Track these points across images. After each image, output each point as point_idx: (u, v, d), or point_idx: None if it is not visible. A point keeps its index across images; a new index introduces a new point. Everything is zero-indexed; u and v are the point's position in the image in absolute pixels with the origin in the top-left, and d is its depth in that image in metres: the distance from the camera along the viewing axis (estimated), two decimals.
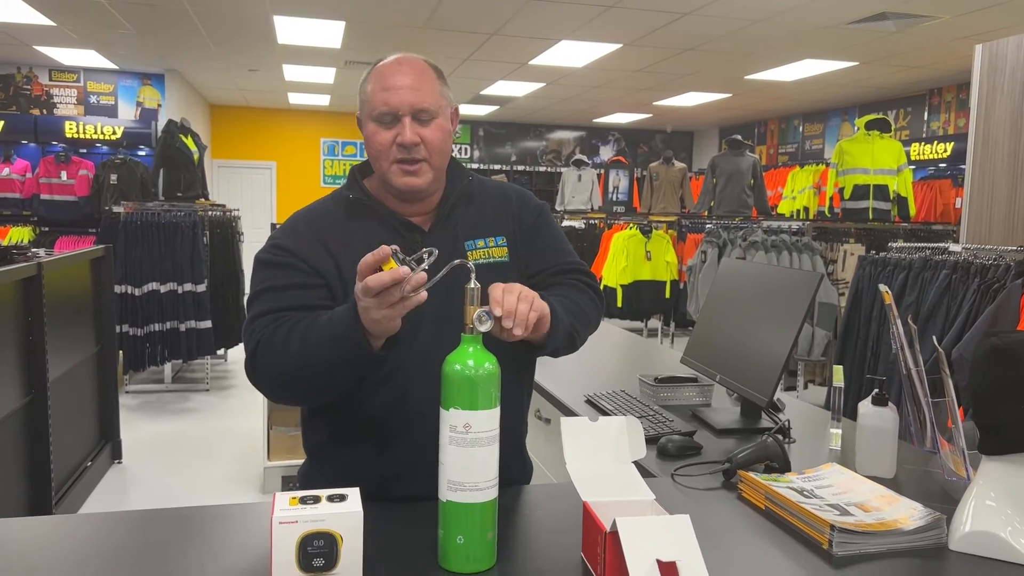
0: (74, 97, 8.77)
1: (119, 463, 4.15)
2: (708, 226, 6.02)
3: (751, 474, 1.39)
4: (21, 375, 2.94)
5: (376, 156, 1.31)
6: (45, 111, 8.66)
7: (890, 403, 1.49)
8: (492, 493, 1.07)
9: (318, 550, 0.96)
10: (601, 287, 6.98)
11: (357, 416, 1.32)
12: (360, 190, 1.37)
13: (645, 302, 6.80)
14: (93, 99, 8.83)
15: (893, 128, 5.90)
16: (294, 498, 1.00)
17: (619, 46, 7.02)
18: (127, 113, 8.93)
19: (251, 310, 1.29)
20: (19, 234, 7.68)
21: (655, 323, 7.60)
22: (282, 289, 1.28)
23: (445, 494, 1.07)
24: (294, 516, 0.96)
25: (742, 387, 1.72)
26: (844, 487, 1.34)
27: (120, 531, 1.18)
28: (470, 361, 1.06)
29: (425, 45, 7.13)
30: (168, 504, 3.53)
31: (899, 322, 1.40)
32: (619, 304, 6.72)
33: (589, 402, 1.99)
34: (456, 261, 1.14)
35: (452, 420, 1.05)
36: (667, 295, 6.82)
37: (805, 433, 1.80)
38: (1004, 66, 3.52)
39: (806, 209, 8.79)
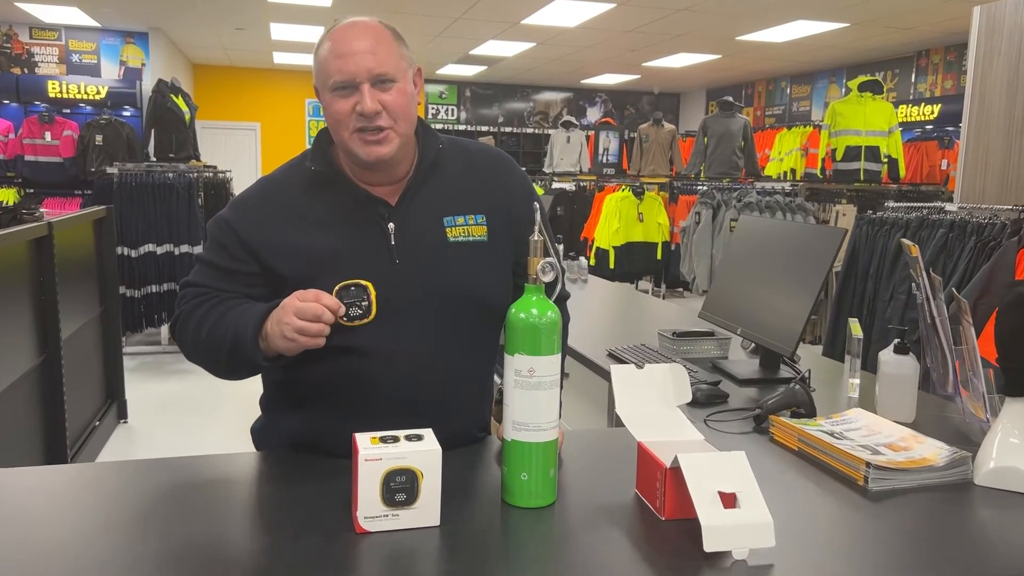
0: (56, 56, 8.59)
1: (125, 422, 4.19)
2: (702, 188, 6.08)
3: (782, 418, 1.46)
4: (35, 334, 2.96)
5: (336, 126, 1.25)
6: (26, 70, 8.48)
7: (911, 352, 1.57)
8: (554, 433, 1.13)
9: (400, 485, 1.02)
10: (594, 249, 7.06)
11: (313, 384, 1.30)
12: (323, 160, 1.30)
13: (637, 263, 6.88)
14: (75, 58, 8.65)
15: (885, 90, 5.96)
16: (374, 438, 1.06)
17: (612, 6, 6.99)
18: (110, 72, 8.77)
19: (190, 273, 1.32)
20: (4, 195, 7.57)
21: (645, 284, 7.69)
22: (214, 267, 1.29)
23: (510, 433, 1.12)
24: (378, 454, 1.02)
25: (766, 339, 1.79)
26: (871, 429, 1.42)
27: (148, 478, 1.23)
28: (534, 310, 1.11)
29: (418, 3, 7.05)
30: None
31: (925, 274, 1.47)
32: (611, 266, 6.80)
33: (612, 355, 2.06)
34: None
35: (517, 365, 1.11)
36: (659, 256, 6.90)
37: (822, 382, 1.88)
38: (1002, 28, 3.58)
39: (793, 171, 8.87)
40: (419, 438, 1.06)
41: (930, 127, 7.84)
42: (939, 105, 7.66)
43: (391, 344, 1.26)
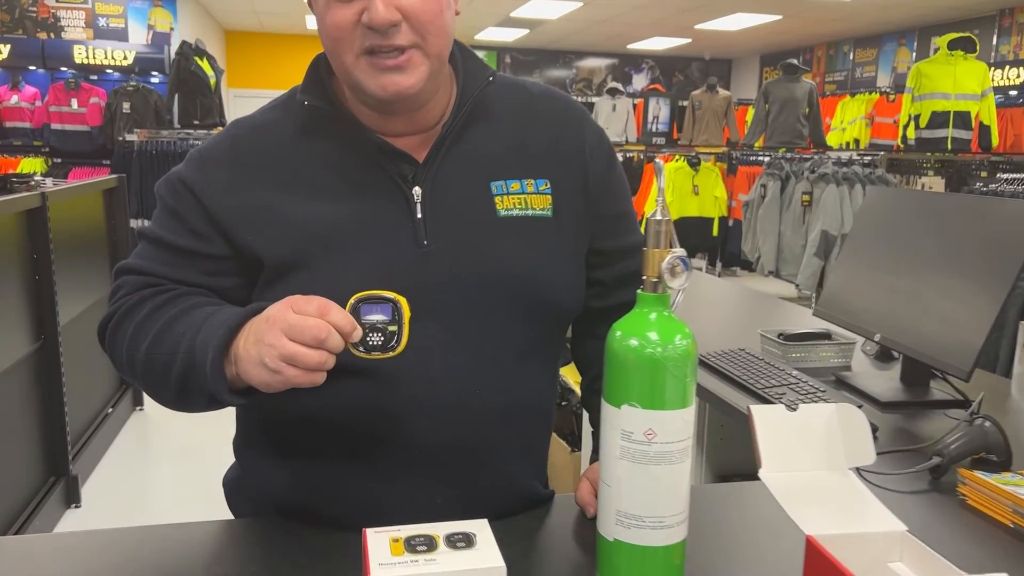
0: (82, 20, 8.29)
1: (141, 409, 3.88)
2: (766, 158, 5.56)
3: (979, 474, 1.03)
4: (29, 319, 2.62)
5: (334, 47, 0.83)
6: (52, 35, 8.20)
7: None
8: (683, 531, 0.72)
9: None
10: (644, 224, 6.57)
11: (305, 422, 0.89)
12: (321, 94, 0.89)
13: (691, 240, 6.39)
14: (102, 22, 8.35)
15: (978, 48, 5.34)
16: (396, 539, 0.66)
17: None
18: (138, 37, 8.45)
19: (132, 253, 0.93)
20: (31, 165, 7.34)
21: (699, 262, 7.20)
22: (164, 246, 0.90)
23: (613, 530, 0.72)
24: (402, 575, 0.61)
25: (924, 352, 1.35)
26: None
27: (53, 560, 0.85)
28: (653, 333, 0.70)
29: None
30: (193, 454, 3.27)
31: None
32: None
33: (704, 364, 1.63)
34: None
35: (626, 424, 0.70)
36: (715, 232, 6.41)
37: (986, 406, 1.43)
38: None
39: (856, 141, 8.28)
40: (468, 542, 0.66)
41: (1014, 92, 7.17)
42: None
43: (418, 362, 0.84)
